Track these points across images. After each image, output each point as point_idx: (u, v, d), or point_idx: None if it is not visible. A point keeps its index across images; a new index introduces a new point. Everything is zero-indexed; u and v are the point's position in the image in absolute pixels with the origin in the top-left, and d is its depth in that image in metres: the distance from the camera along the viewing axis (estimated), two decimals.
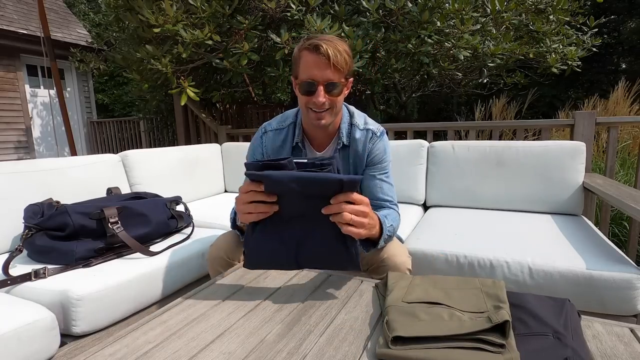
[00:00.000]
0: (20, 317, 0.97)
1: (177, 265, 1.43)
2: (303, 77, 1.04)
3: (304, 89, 1.05)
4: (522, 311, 0.75)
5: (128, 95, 8.75)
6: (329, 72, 1.02)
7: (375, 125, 1.21)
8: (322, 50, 0.99)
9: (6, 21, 6.08)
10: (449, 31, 2.81)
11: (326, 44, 1.00)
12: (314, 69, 1.02)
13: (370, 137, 1.19)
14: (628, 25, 8.95)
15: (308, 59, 1.02)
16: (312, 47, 1.00)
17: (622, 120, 2.14)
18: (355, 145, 1.19)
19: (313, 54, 1.01)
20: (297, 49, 1.06)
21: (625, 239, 2.33)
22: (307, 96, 1.05)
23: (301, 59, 1.04)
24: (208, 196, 2.53)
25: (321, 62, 1.00)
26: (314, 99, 1.04)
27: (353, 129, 1.19)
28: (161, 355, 0.69)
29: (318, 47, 0.99)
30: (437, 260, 1.39)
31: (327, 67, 1.01)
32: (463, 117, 7.00)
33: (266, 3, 2.69)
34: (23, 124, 6.39)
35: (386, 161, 1.22)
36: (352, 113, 1.22)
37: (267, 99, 5.09)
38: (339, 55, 1.01)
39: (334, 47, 1.00)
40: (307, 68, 1.03)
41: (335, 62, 1.00)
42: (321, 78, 1.02)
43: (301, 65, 1.04)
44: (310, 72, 1.02)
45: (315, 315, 0.81)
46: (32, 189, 1.53)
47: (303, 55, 1.03)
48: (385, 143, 1.21)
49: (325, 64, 1.00)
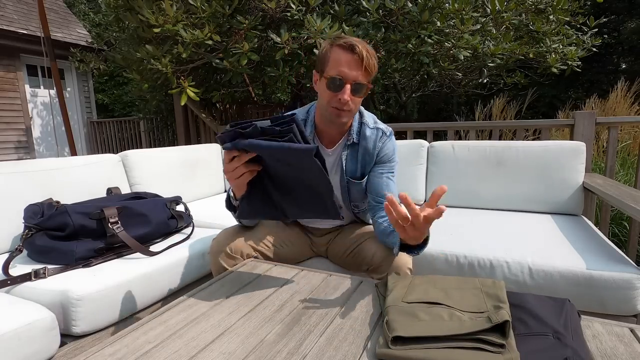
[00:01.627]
0: (20, 317, 0.97)
1: (177, 265, 1.43)
2: (332, 73, 1.05)
3: (330, 85, 1.06)
4: (522, 311, 0.75)
5: (128, 95, 8.75)
6: (360, 73, 1.04)
7: (384, 126, 1.24)
8: (358, 50, 1.01)
9: (6, 21, 6.08)
10: (449, 31, 2.81)
11: (361, 44, 1.02)
12: (345, 67, 1.03)
13: (380, 135, 1.21)
14: (628, 25, 8.95)
15: (340, 57, 1.03)
16: (347, 46, 1.02)
17: (622, 120, 2.14)
18: (365, 143, 1.20)
19: (347, 52, 1.02)
20: (328, 45, 1.07)
21: (625, 239, 2.33)
22: (332, 92, 1.06)
23: (332, 55, 1.05)
24: (208, 196, 2.53)
25: (354, 61, 1.02)
26: (339, 96, 1.05)
27: (363, 127, 1.21)
28: (161, 355, 0.69)
29: (354, 46, 1.01)
30: (437, 260, 1.39)
31: (359, 67, 1.03)
32: (463, 117, 7.01)
33: (266, 3, 2.69)
34: (23, 124, 6.39)
35: (394, 161, 1.24)
36: (362, 112, 1.24)
37: (267, 99, 5.08)
38: (371, 59, 1.04)
39: (367, 50, 1.03)
40: (337, 65, 1.04)
41: (367, 64, 1.03)
42: (350, 77, 1.04)
43: (331, 61, 1.05)
44: (340, 69, 1.04)
45: (315, 315, 0.81)
46: (32, 189, 1.53)
47: (335, 52, 1.04)
48: (394, 143, 1.24)
49: (358, 64, 1.02)
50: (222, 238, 1.22)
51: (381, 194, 1.20)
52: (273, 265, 1.14)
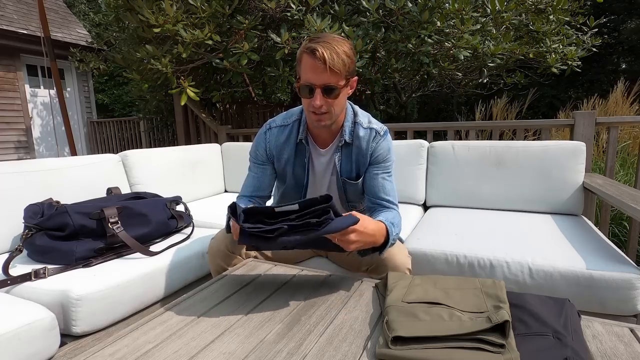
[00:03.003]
0: (20, 317, 0.97)
1: (177, 265, 1.43)
2: (303, 80, 1.05)
3: (303, 92, 1.06)
4: (522, 311, 0.75)
5: (128, 95, 8.74)
6: (326, 76, 1.01)
7: (379, 125, 1.22)
8: (318, 54, 0.99)
9: (6, 21, 6.08)
10: (449, 31, 2.81)
11: (323, 47, 0.99)
12: (311, 72, 1.02)
13: (374, 136, 1.19)
14: (628, 25, 8.95)
15: (307, 62, 1.02)
16: (309, 51, 1.01)
17: (622, 120, 2.14)
18: (358, 143, 1.20)
19: (310, 57, 1.01)
20: (300, 51, 1.06)
21: (625, 239, 2.33)
22: (306, 99, 1.07)
23: (302, 62, 1.04)
24: (208, 196, 2.53)
25: (317, 66, 1.00)
26: (312, 102, 1.05)
27: (356, 127, 1.20)
28: (161, 355, 0.69)
29: (314, 51, 0.99)
30: (437, 260, 1.39)
31: (324, 71, 1.00)
32: (463, 117, 7.01)
33: (266, 3, 2.69)
34: (23, 124, 6.39)
35: (390, 161, 1.23)
36: (356, 112, 1.22)
37: (267, 99, 5.08)
38: (335, 58, 1.00)
39: (331, 50, 0.99)
40: (305, 71, 1.03)
41: (331, 65, 0.99)
42: (318, 82, 1.02)
43: (302, 67, 1.05)
44: (307, 76, 1.03)
45: (315, 315, 0.81)
46: (32, 189, 1.53)
47: (303, 58, 1.04)
48: (389, 143, 1.22)
49: (322, 68, 1.00)
50: (220, 237, 1.22)
51: (376, 196, 1.20)
52: (273, 265, 1.14)
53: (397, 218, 1.15)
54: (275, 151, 1.23)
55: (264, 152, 1.23)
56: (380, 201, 1.20)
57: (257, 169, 1.26)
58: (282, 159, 1.23)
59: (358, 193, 1.27)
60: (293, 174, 1.25)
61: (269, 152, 1.23)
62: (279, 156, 1.23)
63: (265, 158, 1.24)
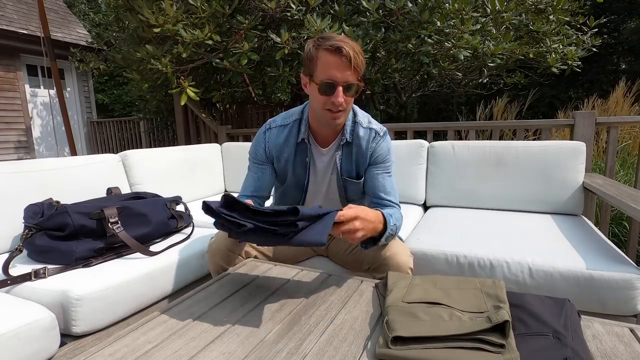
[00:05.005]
0: (20, 317, 0.97)
1: (177, 265, 1.43)
2: (322, 77, 1.05)
3: (323, 89, 1.06)
4: (522, 311, 0.75)
5: (128, 95, 8.74)
6: (349, 74, 1.04)
7: (378, 126, 1.23)
8: (345, 52, 1.01)
9: (6, 21, 6.08)
10: (449, 31, 2.81)
11: (346, 45, 1.01)
12: (335, 70, 1.03)
13: (373, 136, 1.21)
14: (628, 25, 8.95)
15: (329, 60, 1.03)
16: (334, 49, 1.02)
17: (622, 120, 2.14)
18: (358, 142, 1.21)
19: (334, 55, 1.02)
20: (314, 48, 1.06)
21: (625, 239, 2.33)
22: (325, 96, 1.06)
23: (319, 59, 1.05)
24: (208, 196, 2.53)
25: (342, 63, 1.02)
26: (332, 99, 1.05)
27: (356, 127, 1.21)
28: (161, 355, 0.69)
29: (340, 49, 1.01)
30: (437, 260, 1.39)
31: (348, 68, 1.03)
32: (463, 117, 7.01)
33: (266, 3, 2.69)
34: (23, 124, 6.39)
35: (390, 161, 1.24)
36: (356, 112, 1.23)
37: (267, 99, 5.09)
38: (358, 57, 1.03)
39: (353, 49, 1.02)
40: (327, 69, 1.04)
41: (355, 64, 1.03)
42: (341, 79, 1.04)
43: (320, 65, 1.05)
44: (330, 73, 1.03)
45: (315, 315, 0.81)
46: (32, 189, 1.53)
47: (322, 56, 1.04)
48: (388, 143, 1.24)
49: (346, 65, 1.02)
50: (220, 238, 1.22)
51: (377, 196, 1.22)
52: (273, 265, 1.14)
53: (397, 214, 1.17)
54: (275, 151, 1.23)
55: (264, 152, 1.24)
56: (382, 200, 1.21)
57: (256, 169, 1.26)
58: (281, 158, 1.23)
59: (358, 192, 1.28)
60: (293, 173, 1.25)
61: (268, 152, 1.23)
62: (279, 156, 1.23)
63: (265, 158, 1.24)
